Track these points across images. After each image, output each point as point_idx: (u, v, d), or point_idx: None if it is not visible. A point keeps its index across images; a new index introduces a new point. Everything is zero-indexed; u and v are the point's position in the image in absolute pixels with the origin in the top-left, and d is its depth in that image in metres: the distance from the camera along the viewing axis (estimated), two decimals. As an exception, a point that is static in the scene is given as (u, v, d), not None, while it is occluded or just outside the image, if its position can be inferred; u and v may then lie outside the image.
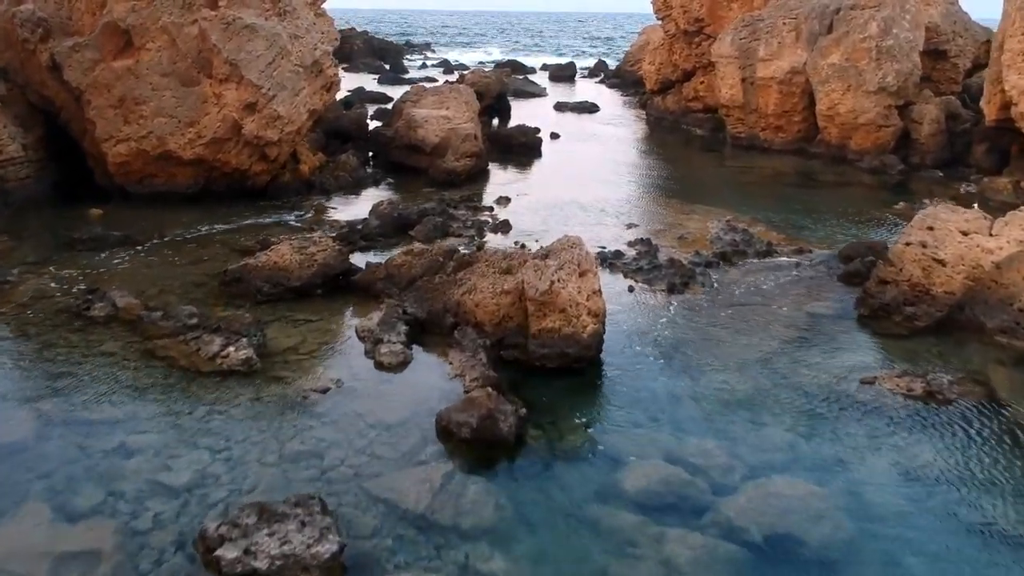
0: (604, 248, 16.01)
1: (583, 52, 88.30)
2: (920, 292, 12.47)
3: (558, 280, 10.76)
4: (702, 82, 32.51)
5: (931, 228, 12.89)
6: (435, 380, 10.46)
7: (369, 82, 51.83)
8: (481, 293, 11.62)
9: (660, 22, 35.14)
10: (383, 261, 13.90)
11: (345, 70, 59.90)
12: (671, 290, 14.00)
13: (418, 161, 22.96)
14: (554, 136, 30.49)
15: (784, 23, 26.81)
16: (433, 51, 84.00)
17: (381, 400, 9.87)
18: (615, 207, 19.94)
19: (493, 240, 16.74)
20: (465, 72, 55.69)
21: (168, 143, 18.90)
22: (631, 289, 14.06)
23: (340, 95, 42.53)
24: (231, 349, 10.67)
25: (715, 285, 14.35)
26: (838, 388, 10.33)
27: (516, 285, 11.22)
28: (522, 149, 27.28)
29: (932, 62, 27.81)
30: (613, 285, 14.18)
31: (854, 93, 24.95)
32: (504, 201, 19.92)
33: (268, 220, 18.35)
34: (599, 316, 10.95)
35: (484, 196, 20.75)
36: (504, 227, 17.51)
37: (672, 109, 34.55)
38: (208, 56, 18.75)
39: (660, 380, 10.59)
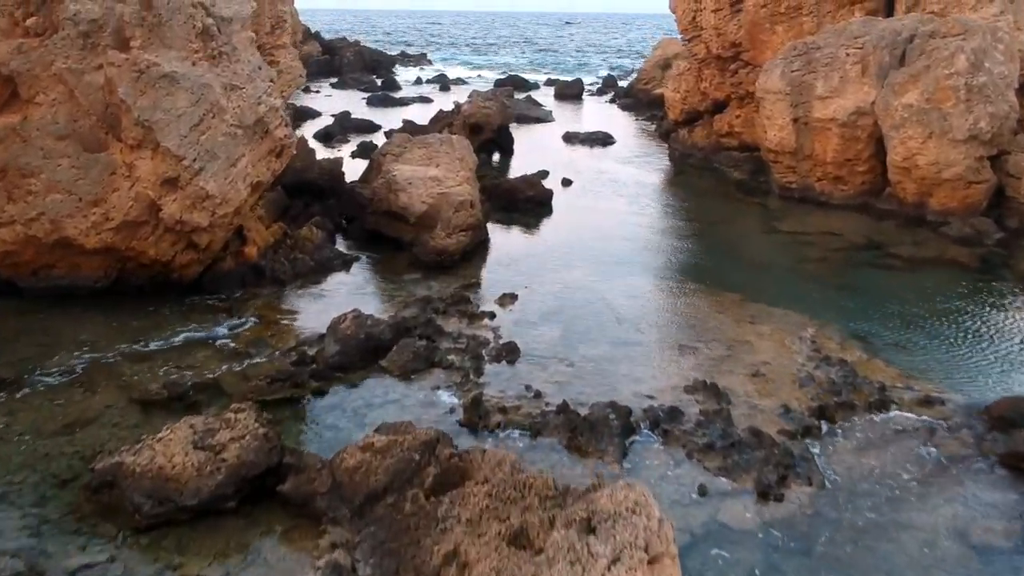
0: (653, 401, 11.34)
1: (584, 64, 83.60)
2: None
3: (613, 587, 6.10)
4: (738, 115, 27.83)
5: None
6: None
7: (357, 102, 47.23)
8: (478, 567, 6.94)
9: (686, 44, 30.47)
10: (329, 459, 9.20)
11: (333, 86, 55.45)
12: (764, 494, 9.33)
13: (401, 231, 18.30)
14: (566, 183, 25.81)
15: (847, 54, 22.13)
16: (429, 62, 79.33)
17: None
18: (654, 309, 15.28)
19: (495, 380, 12.06)
20: (463, 87, 50.84)
21: (65, 227, 14.26)
22: (703, 492, 9.38)
23: (322, 122, 38.01)
24: None
25: (824, 480, 9.67)
26: None
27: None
28: (529, 205, 22.61)
29: None
30: (672, 479, 9.56)
31: (937, 141, 20.27)
32: (508, 300, 15.22)
33: (193, 334, 13.69)
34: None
35: (482, 289, 16.04)
36: (509, 353, 12.81)
37: (701, 145, 29.86)
38: (117, 113, 14.11)
39: None
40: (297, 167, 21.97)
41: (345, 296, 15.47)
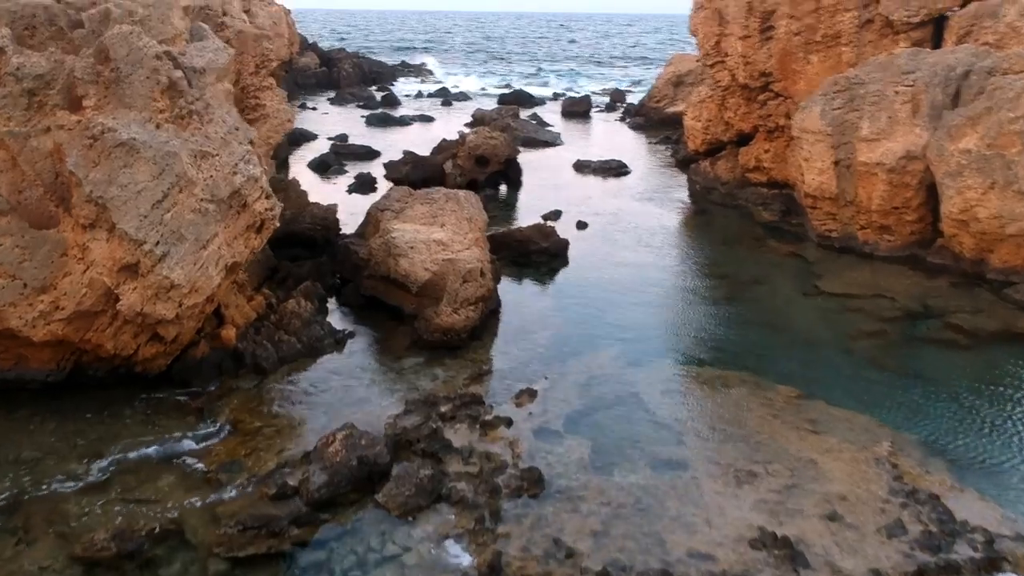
0: (713, 565, 9.19)
1: (589, 75, 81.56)
2: None
3: None
4: (767, 150, 25.68)
5: None
6: None
7: (355, 120, 45.15)
8: None
9: (708, 69, 28.31)
10: None
11: (330, 101, 53.27)
12: None
13: (402, 300, 16.17)
14: (581, 226, 23.66)
15: (896, 92, 19.99)
16: (430, 72, 77.19)
17: None
18: (697, 412, 13.13)
19: (516, 528, 9.91)
20: (465, 103, 47.99)
21: (7, 318, 12.14)
22: None
23: (318, 146, 35.50)
24: None
25: None
26: None
27: None
28: (543, 258, 20.46)
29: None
30: None
31: (1000, 192, 18.14)
32: (527, 398, 13.07)
33: (156, 449, 11.57)
34: None
35: (495, 379, 13.88)
36: (532, 484, 10.66)
37: (725, 179, 27.72)
38: (69, 184, 12.00)
39: None
40: (286, 216, 19.86)
41: (337, 391, 13.34)
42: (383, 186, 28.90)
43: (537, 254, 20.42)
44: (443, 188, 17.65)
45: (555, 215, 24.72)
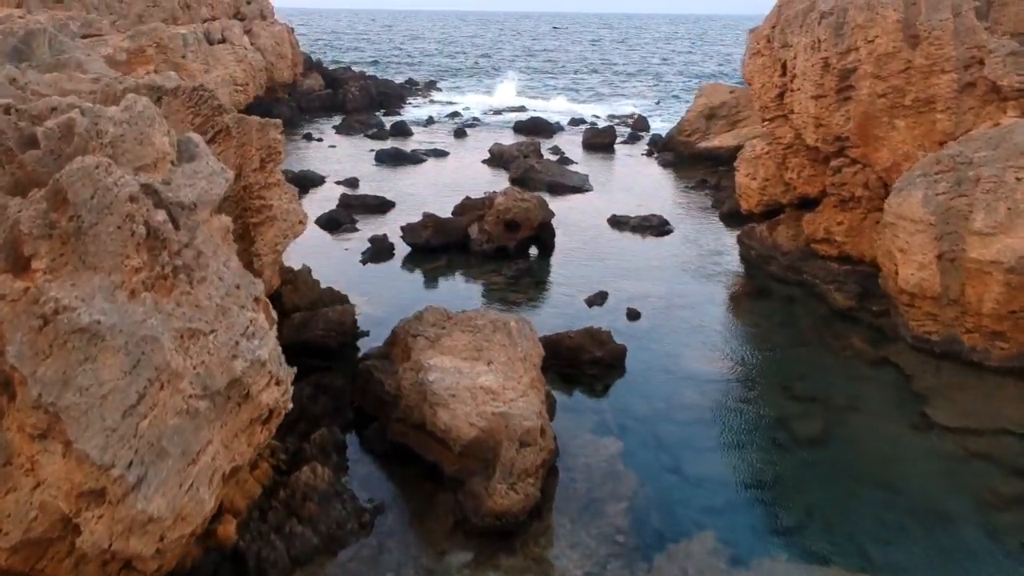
0: None
1: (601, 95, 78.47)
2: None
3: None
4: (840, 222, 22.58)
5: None
6: None
7: (364, 156, 42.14)
8: None
9: (766, 123, 25.27)
10: None
11: (336, 130, 50.15)
12: None
13: (440, 456, 13.10)
14: (633, 316, 20.59)
15: (1017, 178, 16.95)
16: (439, 89, 74.09)
17: None
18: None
19: None
20: (479, 131, 42.72)
21: (-67, 546, 9.06)
22: None
23: (325, 194, 31.78)
24: None
25: None
26: None
27: None
28: (596, 368, 17.41)
29: None
30: None
31: None
32: (617, 637, 10.04)
33: None
34: None
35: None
36: None
37: (785, 248, 24.64)
38: (11, 378, 8.95)
39: None
40: (295, 321, 16.89)
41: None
42: (400, 250, 25.93)
43: (590, 365, 17.37)
44: (489, 313, 14.54)
45: (600, 298, 21.65)
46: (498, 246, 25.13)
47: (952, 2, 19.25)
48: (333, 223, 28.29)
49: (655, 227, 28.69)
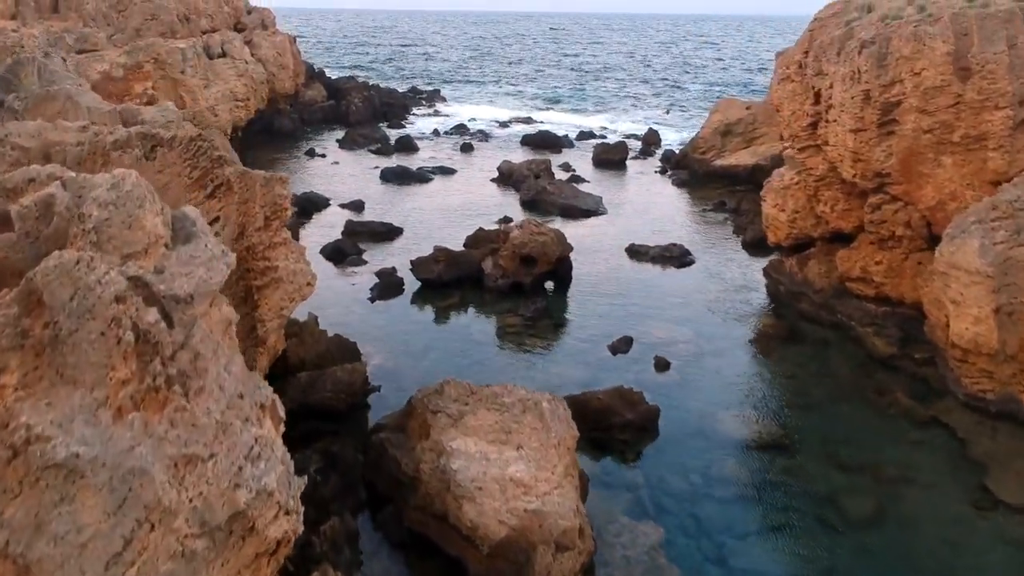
0: None
1: (610, 104, 77.25)
2: None
3: None
4: (878, 261, 21.25)
5: None
6: None
7: (368, 174, 40.89)
8: None
9: (796, 152, 23.94)
10: None
11: (339, 144, 48.79)
12: None
13: (464, 552, 11.78)
14: (661, 367, 19.27)
15: (1086, 229, 15.67)
16: (443, 99, 72.76)
17: None
18: None
19: None
20: (486, 146, 40.79)
21: None
22: None
23: (330, 218, 30.07)
24: None
25: None
26: None
27: None
28: (626, 431, 16.09)
29: None
30: None
31: None
32: None
33: None
34: None
35: None
36: None
37: (817, 285, 23.32)
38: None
39: None
40: (302, 382, 15.62)
41: None
42: (410, 284, 24.63)
43: (621, 429, 16.05)
44: (517, 389, 13.20)
45: (625, 344, 20.34)
46: (513, 282, 23.82)
47: (1007, 33, 17.95)
48: (338, 254, 26.97)
49: (676, 258, 27.38)
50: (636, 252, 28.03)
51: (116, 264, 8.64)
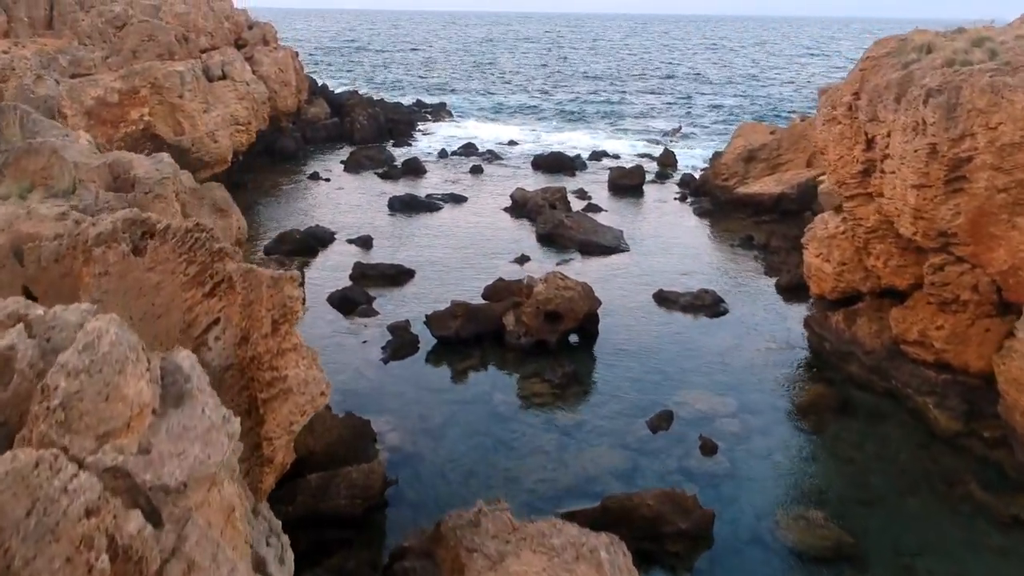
0: None
1: (622, 123, 75.51)
2: None
3: None
4: (940, 326, 19.45)
5: None
6: None
7: (377, 202, 39.10)
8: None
9: (845, 200, 22.14)
10: None
11: (344, 166, 46.90)
12: None
13: None
14: (707, 451, 17.45)
15: None
16: (450, 113, 70.91)
17: None
18: None
19: None
20: (497, 168, 38.33)
21: None
22: None
23: (336, 256, 28.12)
24: None
25: None
26: None
27: None
28: (678, 541, 14.27)
29: None
30: None
31: None
32: None
33: None
34: None
35: None
36: None
37: (868, 345, 21.50)
38: None
39: None
40: (312, 485, 13.85)
41: None
42: (425, 340, 22.82)
43: (672, 539, 14.24)
44: (568, 527, 11.36)
45: (665, 422, 18.53)
46: (537, 340, 22.02)
47: (1097, 88, 16.15)
48: (347, 303, 25.14)
49: (708, 307, 25.57)
50: (665, 299, 26.21)
51: (89, 450, 6.85)
